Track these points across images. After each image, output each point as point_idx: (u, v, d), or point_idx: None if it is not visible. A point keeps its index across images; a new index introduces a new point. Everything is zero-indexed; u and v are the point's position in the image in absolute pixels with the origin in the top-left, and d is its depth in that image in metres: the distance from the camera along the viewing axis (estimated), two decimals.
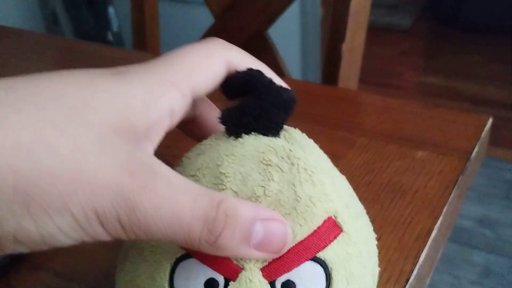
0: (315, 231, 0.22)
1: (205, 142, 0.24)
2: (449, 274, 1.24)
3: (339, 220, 0.23)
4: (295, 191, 0.22)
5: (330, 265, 0.22)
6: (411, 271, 0.30)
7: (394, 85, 2.00)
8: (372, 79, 1.99)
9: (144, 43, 0.82)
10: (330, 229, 0.22)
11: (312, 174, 0.22)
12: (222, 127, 0.24)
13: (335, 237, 0.22)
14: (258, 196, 0.21)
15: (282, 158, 0.22)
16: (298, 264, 0.21)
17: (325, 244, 0.22)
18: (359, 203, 0.26)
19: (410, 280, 0.29)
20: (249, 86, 0.23)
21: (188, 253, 0.21)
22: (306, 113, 0.45)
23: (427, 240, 0.32)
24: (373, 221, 0.34)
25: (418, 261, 0.31)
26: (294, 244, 0.21)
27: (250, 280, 0.21)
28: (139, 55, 0.68)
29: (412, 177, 0.37)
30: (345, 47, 0.67)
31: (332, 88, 0.58)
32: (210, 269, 0.21)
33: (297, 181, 0.22)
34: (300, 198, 0.22)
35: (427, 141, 0.41)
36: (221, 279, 0.21)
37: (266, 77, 0.23)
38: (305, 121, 0.42)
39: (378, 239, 0.32)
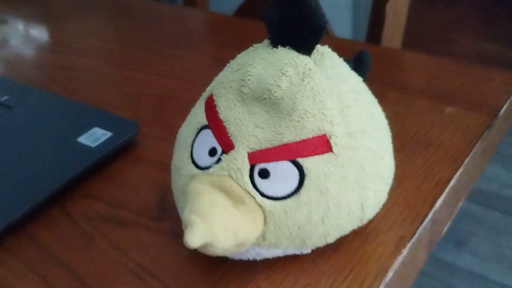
0: (304, 140, 0.26)
1: (255, 45, 0.29)
2: (492, 242, 1.23)
3: (332, 141, 0.26)
4: (294, 102, 0.26)
5: (306, 172, 0.26)
6: (426, 215, 0.32)
7: (448, 52, 1.94)
8: (426, 45, 1.94)
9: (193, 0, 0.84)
10: (319, 144, 0.26)
11: (318, 94, 0.26)
12: None
13: (321, 153, 0.26)
14: (264, 98, 0.26)
15: (298, 73, 0.26)
16: (278, 160, 0.26)
17: (308, 154, 0.26)
18: (383, 142, 0.29)
19: (424, 223, 0.31)
20: None
21: (208, 126, 0.28)
22: None
23: (445, 188, 0.33)
24: (395, 169, 0.36)
25: (434, 206, 0.32)
26: (281, 144, 0.26)
27: (236, 158, 0.26)
28: (189, 11, 0.71)
29: (438, 130, 0.39)
30: (389, 7, 0.67)
31: (372, 46, 0.59)
32: (215, 140, 0.27)
33: (300, 95, 0.26)
34: (297, 109, 0.26)
35: (458, 97, 0.42)
36: (219, 150, 0.27)
37: None
38: None
39: (397, 185, 0.35)
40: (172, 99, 0.47)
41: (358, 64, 0.33)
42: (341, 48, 0.29)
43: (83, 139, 0.41)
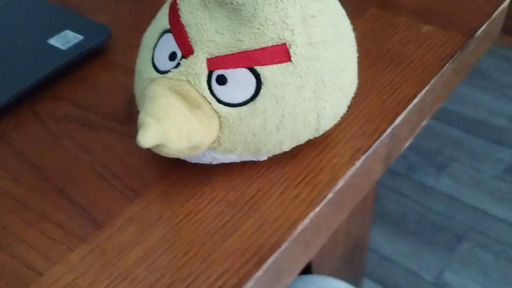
0: (263, 48, 0.26)
1: None
2: (471, 167, 1.26)
3: (292, 51, 0.26)
4: (255, 9, 0.25)
5: (263, 80, 0.26)
6: (385, 129, 0.32)
7: None
8: None
9: None
10: (278, 53, 0.26)
11: (280, 2, 0.25)
12: None
13: (279, 62, 0.26)
14: (226, 3, 0.26)
15: None
16: (236, 67, 0.26)
17: (266, 62, 0.26)
18: (345, 54, 0.28)
19: (382, 137, 0.32)
20: None
21: (170, 30, 0.27)
22: None
23: (408, 105, 0.34)
24: (362, 84, 0.36)
25: (394, 121, 0.33)
26: (240, 51, 0.26)
27: (194, 63, 0.26)
28: None
29: (412, 48, 0.38)
30: None
31: None
32: (176, 45, 0.27)
33: (262, 1, 0.25)
34: (258, 16, 0.25)
35: (438, 16, 0.41)
36: (179, 55, 0.27)
37: None
38: None
39: (362, 100, 0.35)
40: (150, 5, 0.46)
41: None
42: None
43: (54, 41, 0.40)
